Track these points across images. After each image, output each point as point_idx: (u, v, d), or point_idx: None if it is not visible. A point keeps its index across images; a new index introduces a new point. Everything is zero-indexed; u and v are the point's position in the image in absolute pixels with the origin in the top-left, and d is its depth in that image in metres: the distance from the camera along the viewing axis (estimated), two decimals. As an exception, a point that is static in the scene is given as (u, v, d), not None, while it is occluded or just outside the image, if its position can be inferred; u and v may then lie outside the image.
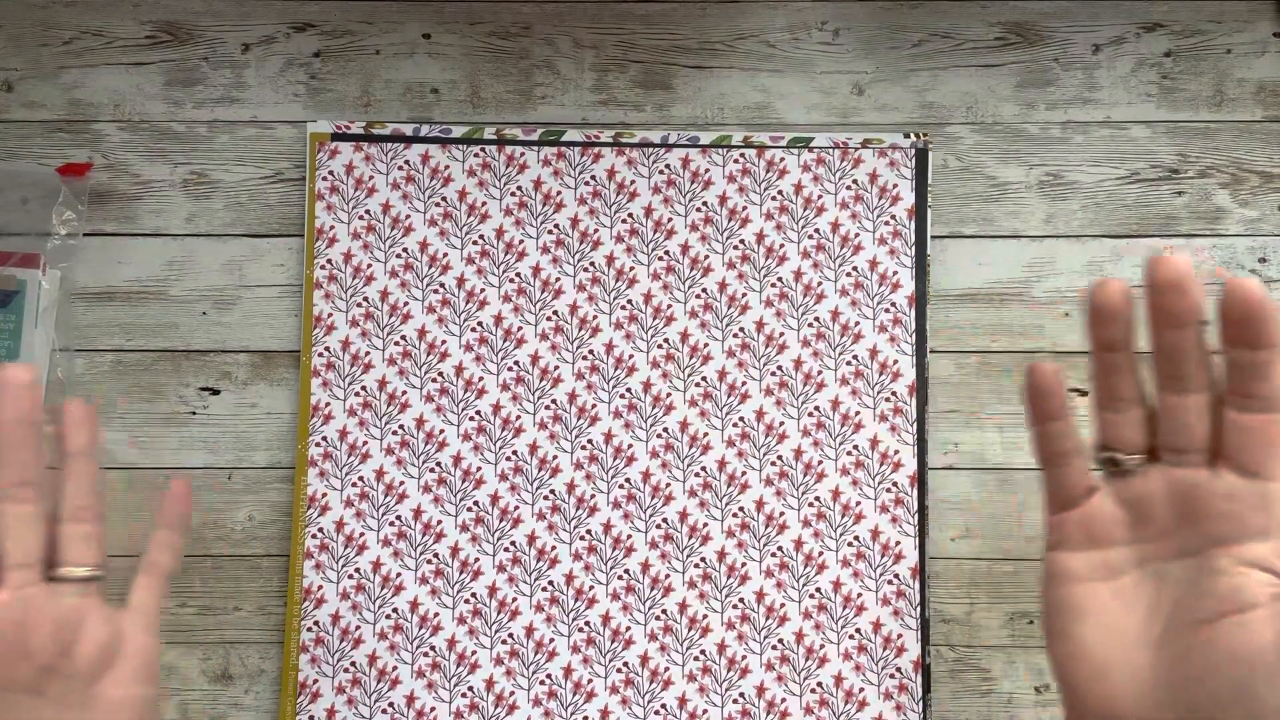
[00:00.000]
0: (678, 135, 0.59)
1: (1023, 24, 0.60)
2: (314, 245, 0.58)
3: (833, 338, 0.57)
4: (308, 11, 0.61)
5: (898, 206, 0.58)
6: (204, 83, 0.61)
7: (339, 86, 0.60)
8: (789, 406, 0.57)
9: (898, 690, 0.55)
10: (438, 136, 0.59)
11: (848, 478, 0.56)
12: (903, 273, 0.58)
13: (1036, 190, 0.59)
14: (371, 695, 0.55)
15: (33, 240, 0.58)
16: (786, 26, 0.61)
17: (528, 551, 0.56)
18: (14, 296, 0.58)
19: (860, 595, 0.55)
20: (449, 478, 0.57)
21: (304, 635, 0.55)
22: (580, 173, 0.58)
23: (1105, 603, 0.38)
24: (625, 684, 0.55)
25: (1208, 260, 0.58)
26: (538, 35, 0.61)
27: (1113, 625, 0.37)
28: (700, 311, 0.58)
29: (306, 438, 0.57)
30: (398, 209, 0.58)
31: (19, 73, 0.61)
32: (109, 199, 0.60)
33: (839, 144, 0.58)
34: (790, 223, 0.58)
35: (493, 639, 0.56)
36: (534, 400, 0.57)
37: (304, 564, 0.56)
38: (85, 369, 0.59)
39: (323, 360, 0.57)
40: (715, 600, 0.56)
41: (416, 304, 0.58)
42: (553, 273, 0.58)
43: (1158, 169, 0.60)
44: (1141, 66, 0.60)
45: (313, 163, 0.59)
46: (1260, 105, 0.60)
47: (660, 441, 0.57)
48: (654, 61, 0.61)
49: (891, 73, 0.60)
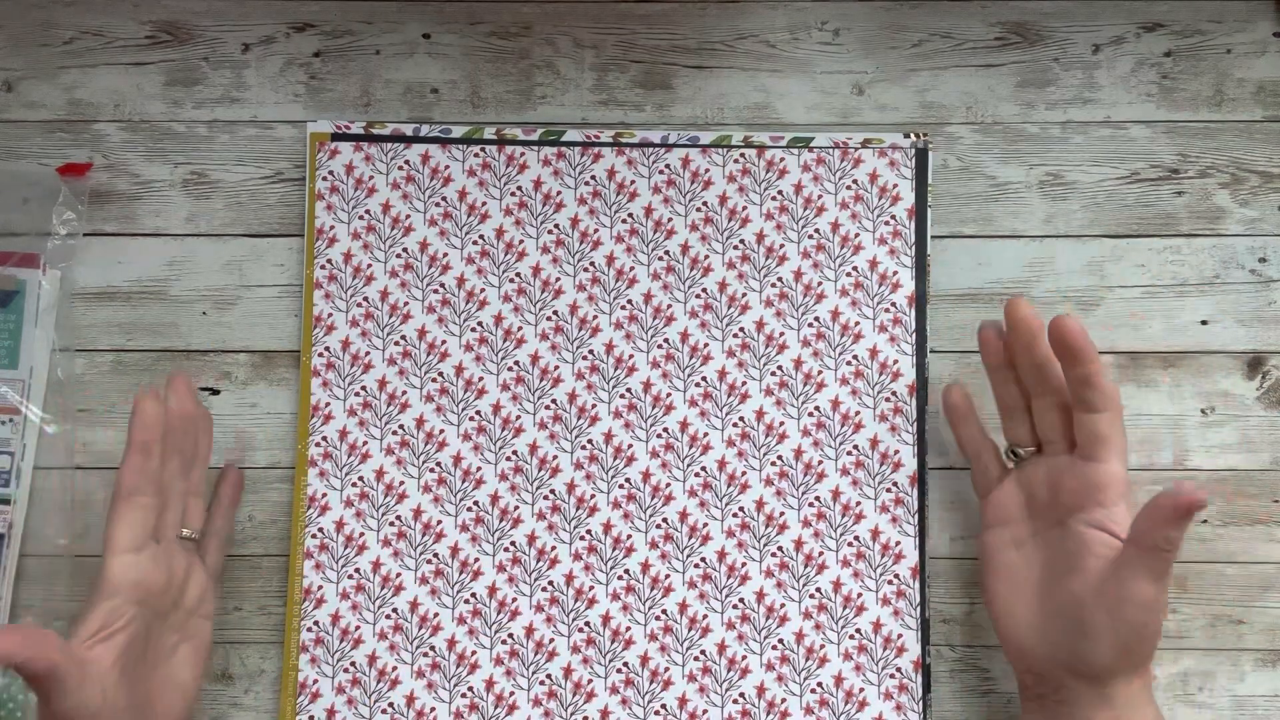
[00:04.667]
0: (677, 135, 0.59)
1: (1023, 24, 0.61)
2: (314, 245, 0.58)
3: (833, 338, 0.57)
4: (308, 11, 0.61)
5: (898, 206, 0.58)
6: (204, 83, 0.61)
7: (339, 86, 0.60)
8: (789, 406, 0.57)
9: (898, 690, 0.55)
10: (438, 136, 0.59)
11: (848, 478, 0.56)
12: (903, 273, 0.58)
13: (1036, 190, 0.59)
14: (371, 695, 0.55)
15: (33, 240, 0.58)
16: (786, 26, 0.61)
17: (528, 552, 0.56)
18: (14, 296, 0.58)
19: (860, 595, 0.55)
20: (449, 478, 0.57)
21: (304, 635, 0.55)
22: (580, 173, 0.58)
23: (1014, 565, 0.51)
24: (625, 684, 0.55)
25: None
26: (538, 35, 0.61)
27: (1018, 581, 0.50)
28: (700, 311, 0.58)
29: (307, 438, 0.57)
30: (398, 209, 0.58)
31: (19, 73, 0.61)
32: (109, 199, 0.60)
33: (839, 144, 0.58)
34: (790, 223, 0.58)
35: (492, 639, 0.56)
36: (534, 400, 0.57)
37: (304, 564, 0.56)
38: (85, 369, 0.59)
39: (323, 360, 0.57)
40: (715, 600, 0.56)
41: (416, 304, 0.58)
42: (553, 273, 0.58)
43: (1158, 169, 0.60)
44: (1141, 66, 0.60)
45: (313, 163, 0.59)
46: (1260, 105, 0.60)
47: (660, 441, 0.57)
48: (654, 61, 0.61)
49: (891, 73, 0.60)
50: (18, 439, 0.57)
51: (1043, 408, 0.50)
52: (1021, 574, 0.50)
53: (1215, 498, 0.58)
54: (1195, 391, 0.58)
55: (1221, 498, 0.58)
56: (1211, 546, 0.57)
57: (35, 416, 0.58)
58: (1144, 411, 0.58)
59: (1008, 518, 0.52)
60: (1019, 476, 0.52)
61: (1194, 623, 0.57)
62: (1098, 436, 0.48)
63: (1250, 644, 0.57)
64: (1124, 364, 0.58)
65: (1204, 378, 0.58)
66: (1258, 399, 0.58)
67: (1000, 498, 0.52)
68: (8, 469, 0.57)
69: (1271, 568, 0.57)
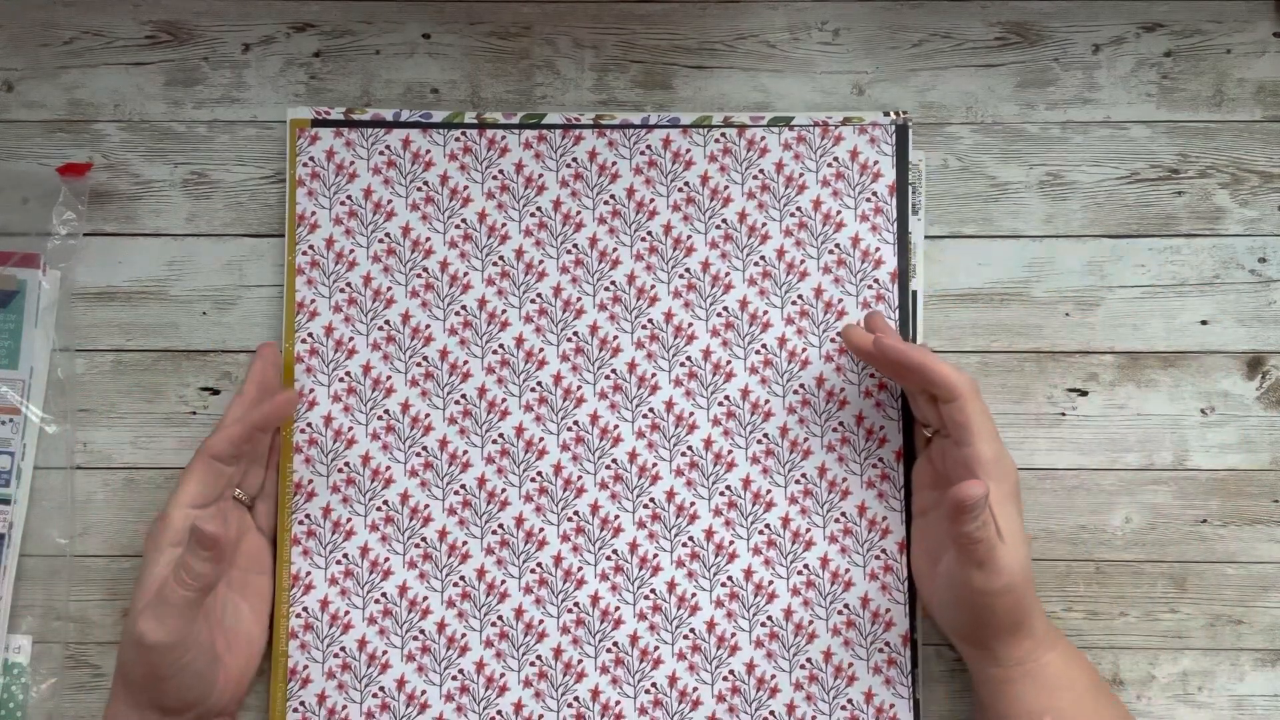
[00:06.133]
0: (658, 116, 0.59)
1: (1023, 24, 0.61)
2: (295, 232, 0.58)
3: (816, 315, 0.57)
4: (308, 11, 0.61)
5: (879, 183, 0.58)
6: (204, 83, 0.61)
7: (339, 86, 0.60)
8: (774, 384, 0.57)
9: (887, 664, 0.55)
10: (418, 121, 0.59)
11: (834, 454, 0.57)
12: (885, 249, 0.58)
13: (1036, 190, 0.59)
14: (362, 680, 0.55)
15: (33, 240, 0.58)
16: (786, 26, 0.61)
17: (516, 534, 0.56)
18: (14, 296, 0.58)
19: (848, 571, 0.56)
20: (435, 462, 0.57)
21: (293, 621, 0.56)
22: (562, 155, 0.58)
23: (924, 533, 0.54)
24: (615, 664, 0.55)
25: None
26: (538, 35, 0.61)
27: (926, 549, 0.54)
28: (684, 291, 0.58)
29: (292, 424, 0.57)
30: (379, 194, 0.58)
31: (19, 73, 0.61)
32: (109, 199, 0.60)
33: (819, 122, 0.59)
34: (772, 201, 0.58)
35: (482, 621, 0.56)
36: (519, 383, 0.57)
37: (292, 550, 0.56)
38: (85, 369, 0.59)
39: (306, 347, 0.57)
40: (704, 579, 0.56)
41: (400, 289, 0.58)
42: (536, 255, 0.58)
43: (1158, 169, 0.60)
44: (1141, 66, 0.60)
45: (293, 149, 0.59)
46: (1260, 105, 0.60)
47: (646, 422, 0.57)
48: (654, 61, 0.61)
49: (891, 73, 0.60)
50: (18, 439, 0.57)
51: (918, 403, 0.54)
52: (925, 542, 0.54)
53: (1215, 498, 0.58)
54: (1195, 391, 0.58)
55: (1221, 498, 0.58)
56: (1211, 546, 0.57)
57: (35, 416, 0.58)
58: (1144, 411, 0.58)
59: (921, 488, 0.55)
60: (930, 451, 0.55)
61: (1194, 623, 0.57)
62: (954, 423, 0.50)
63: (1250, 644, 0.57)
64: (1124, 364, 0.58)
65: (1204, 378, 0.58)
66: (1258, 399, 0.58)
67: (918, 469, 0.56)
68: (8, 469, 0.57)
69: (1271, 568, 0.57)
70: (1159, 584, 0.57)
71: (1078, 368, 0.58)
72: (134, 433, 0.58)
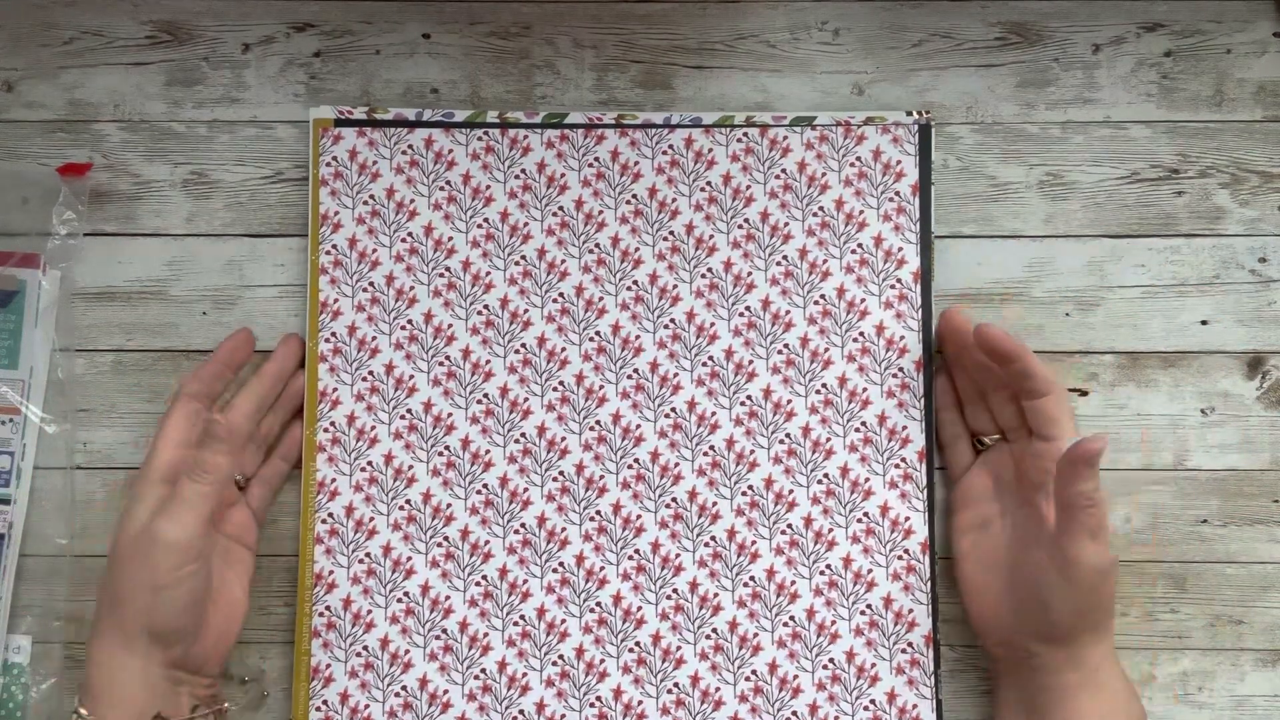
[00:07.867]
0: (680, 116, 0.59)
1: (1023, 24, 0.61)
2: (319, 231, 0.58)
3: (839, 315, 0.57)
4: (308, 11, 0.61)
5: (901, 183, 0.58)
6: (204, 83, 0.61)
7: (339, 86, 0.60)
8: (796, 384, 0.57)
9: (909, 665, 0.55)
10: (441, 120, 0.59)
11: (856, 454, 0.56)
12: (908, 249, 0.58)
13: (1036, 190, 0.60)
14: (385, 679, 0.55)
15: (33, 240, 0.58)
16: (786, 26, 0.61)
17: (538, 533, 0.56)
18: (14, 296, 0.58)
19: (871, 571, 0.56)
20: (458, 461, 0.57)
21: (315, 620, 0.56)
22: (584, 154, 0.58)
23: (982, 545, 0.54)
24: (638, 663, 0.55)
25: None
26: (538, 35, 0.61)
27: (986, 560, 0.53)
28: (706, 291, 0.58)
29: (315, 423, 0.57)
30: (402, 194, 0.58)
31: (19, 73, 0.61)
32: (109, 199, 0.60)
33: (841, 122, 0.58)
34: (794, 201, 0.58)
35: (504, 621, 0.56)
36: (541, 383, 0.57)
37: (314, 549, 0.56)
38: (85, 369, 0.59)
39: (329, 346, 0.57)
40: (726, 579, 0.56)
41: (422, 288, 0.58)
42: (558, 255, 0.58)
43: (1158, 169, 0.60)
44: (1141, 66, 0.60)
45: (315, 149, 0.59)
46: (1260, 105, 0.60)
47: (668, 421, 0.57)
48: (654, 61, 0.61)
49: (891, 73, 0.60)
50: (18, 439, 0.57)
51: (997, 401, 0.54)
52: (990, 553, 0.53)
53: (1216, 498, 0.58)
54: (1195, 391, 0.58)
55: (1222, 498, 0.58)
56: (1211, 546, 0.57)
57: (35, 416, 0.58)
58: (1144, 411, 0.58)
59: (976, 501, 0.55)
60: (985, 462, 0.55)
61: (1194, 623, 0.57)
62: (1047, 418, 0.51)
63: (1250, 644, 0.57)
64: (1124, 364, 0.58)
65: (1204, 378, 0.58)
66: (1258, 399, 0.58)
67: (969, 482, 0.56)
68: (8, 469, 0.57)
69: (1271, 568, 0.57)
70: (1159, 584, 0.57)
71: (1078, 368, 0.58)
72: (134, 433, 0.58)
